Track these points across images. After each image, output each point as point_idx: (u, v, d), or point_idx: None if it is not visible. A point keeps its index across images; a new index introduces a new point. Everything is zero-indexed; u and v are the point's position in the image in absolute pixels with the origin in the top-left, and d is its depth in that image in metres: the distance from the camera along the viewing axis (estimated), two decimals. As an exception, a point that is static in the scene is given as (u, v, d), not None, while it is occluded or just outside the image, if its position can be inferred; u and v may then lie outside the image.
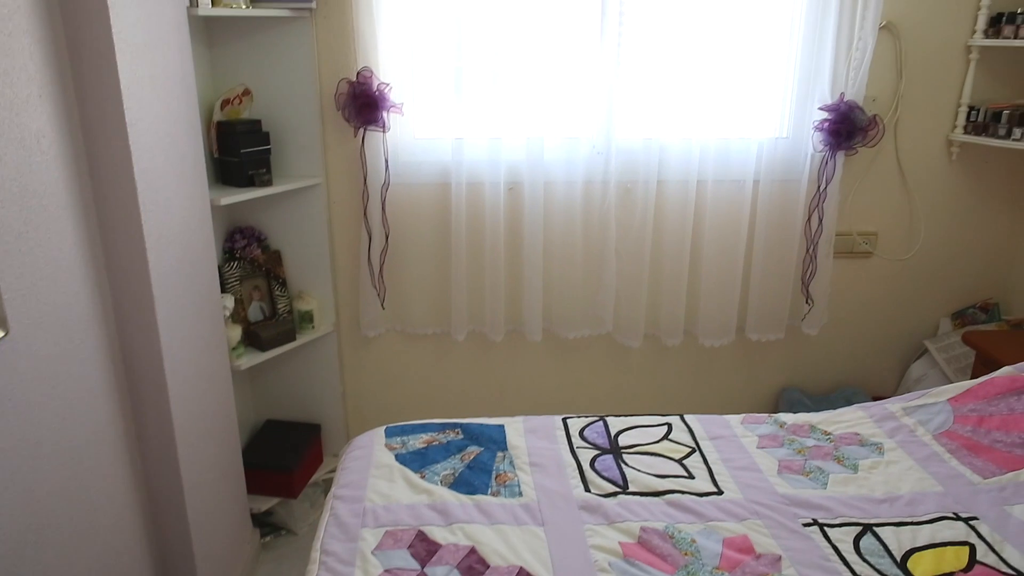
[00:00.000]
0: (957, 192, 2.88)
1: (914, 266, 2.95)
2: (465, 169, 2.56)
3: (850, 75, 2.56)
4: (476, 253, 2.67)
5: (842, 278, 2.91)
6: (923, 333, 3.06)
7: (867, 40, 2.52)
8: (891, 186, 2.85)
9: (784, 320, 2.85)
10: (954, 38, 2.70)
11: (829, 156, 2.63)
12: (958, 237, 2.94)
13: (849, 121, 2.56)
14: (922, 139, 2.81)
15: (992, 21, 2.64)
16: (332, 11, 2.48)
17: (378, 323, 2.77)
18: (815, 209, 2.69)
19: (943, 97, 2.76)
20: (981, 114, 2.71)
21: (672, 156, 2.62)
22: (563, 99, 2.57)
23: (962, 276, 3.00)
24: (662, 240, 2.72)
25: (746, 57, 2.59)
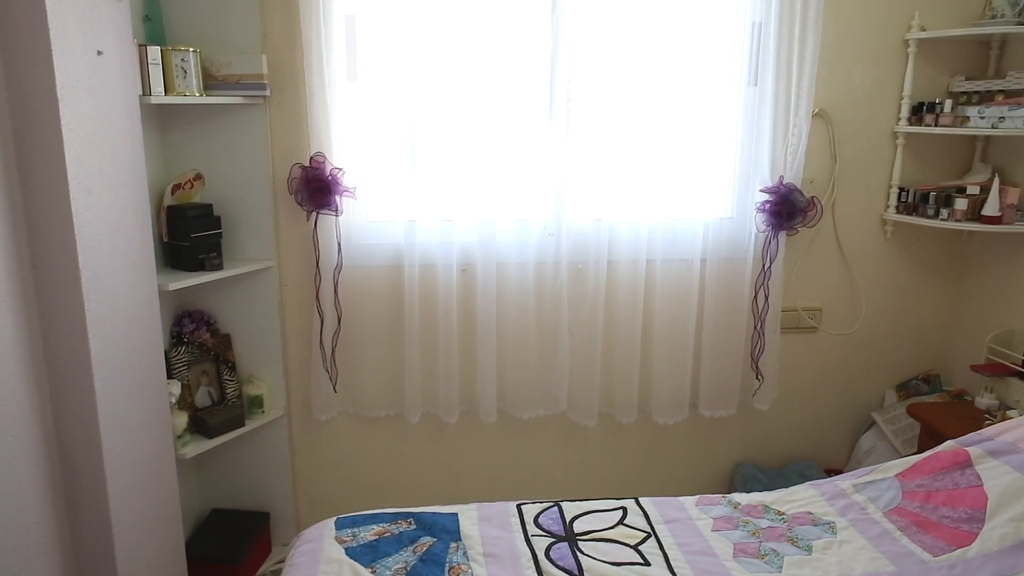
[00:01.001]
0: (894, 268, 3.00)
1: (858, 340, 3.04)
2: (418, 251, 2.58)
3: (788, 159, 2.68)
4: (429, 334, 2.67)
5: (790, 353, 2.97)
6: (870, 405, 3.13)
7: (802, 126, 2.65)
8: (832, 263, 2.95)
9: (736, 396, 2.89)
10: (881, 125, 2.86)
11: (772, 236, 2.72)
12: (898, 311, 3.05)
13: (789, 202, 2.67)
14: (858, 218, 2.93)
15: (914, 110, 2.81)
16: (286, 98, 2.53)
17: (330, 406, 2.73)
18: (761, 286, 2.77)
19: (875, 179, 2.91)
20: (911, 195, 2.85)
21: (621, 236, 2.69)
22: (514, 182, 2.63)
23: (904, 349, 3.10)
24: (614, 319, 2.75)
25: (690, 141, 2.70)
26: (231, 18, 2.41)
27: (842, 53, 2.77)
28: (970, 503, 1.93)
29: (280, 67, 2.50)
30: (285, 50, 2.49)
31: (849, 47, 2.78)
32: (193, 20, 2.39)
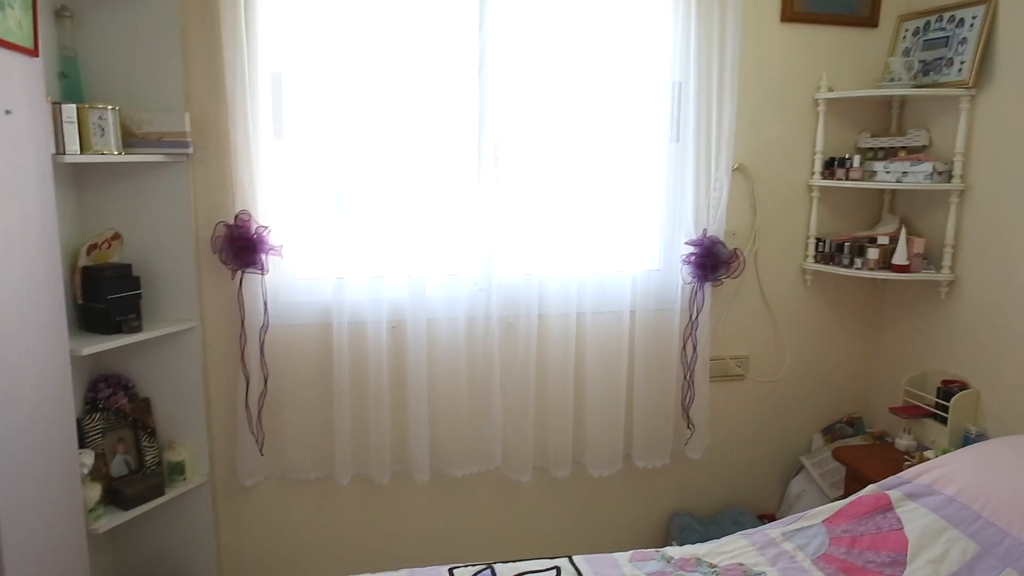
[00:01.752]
0: (815, 315, 3.11)
1: (784, 386, 3.12)
2: (347, 308, 2.55)
3: (711, 212, 2.77)
4: (360, 393, 2.62)
5: (720, 401, 3.03)
6: (798, 449, 3.20)
7: (722, 181, 2.75)
8: (757, 312, 3.04)
9: (669, 445, 2.92)
10: (797, 179, 2.99)
11: (698, 287, 2.79)
12: (820, 356, 3.15)
13: (713, 254, 2.75)
14: (779, 268, 3.04)
15: (827, 164, 2.95)
16: (210, 155, 2.49)
17: (256, 470, 2.63)
18: (689, 336, 2.82)
19: (794, 230, 3.02)
20: (827, 245, 2.97)
21: (552, 290, 2.71)
22: (444, 238, 2.64)
23: (828, 393, 3.19)
24: (546, 372, 2.76)
25: (618, 195, 2.77)
26: (153, 75, 2.37)
27: (758, 111, 2.90)
28: (892, 547, 1.98)
29: (204, 124, 2.46)
30: (209, 107, 2.46)
31: (764, 106, 2.91)
32: (113, 77, 2.34)
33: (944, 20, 2.78)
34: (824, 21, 2.92)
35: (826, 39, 2.93)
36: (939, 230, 2.79)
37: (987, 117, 2.64)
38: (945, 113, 2.79)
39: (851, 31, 2.96)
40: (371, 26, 2.47)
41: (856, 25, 2.96)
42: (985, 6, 2.62)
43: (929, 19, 2.85)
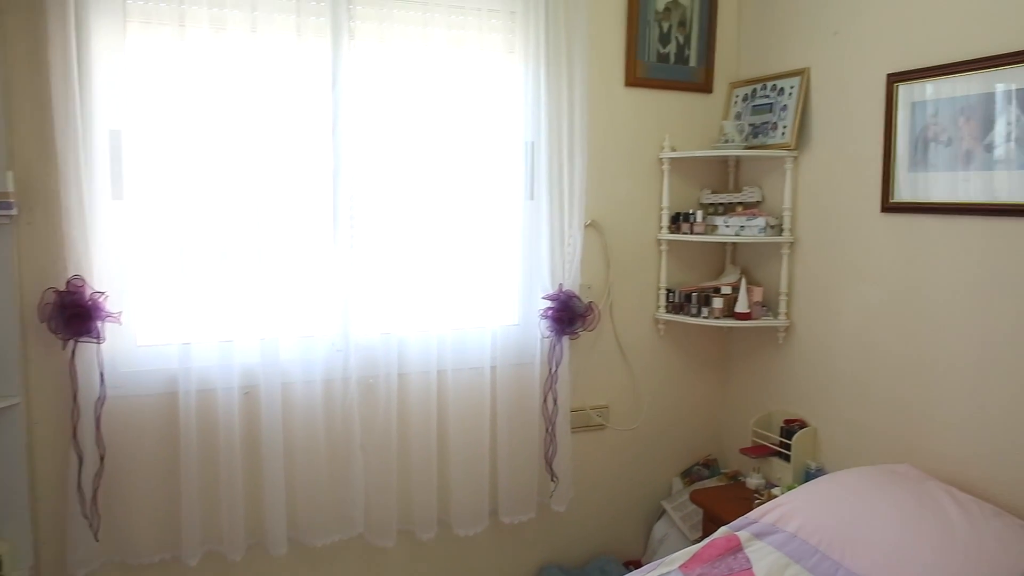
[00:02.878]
0: (669, 363, 3.24)
1: (643, 432, 3.22)
2: (194, 376, 2.42)
3: (566, 267, 2.85)
4: (209, 464, 2.47)
5: (582, 451, 3.08)
6: (660, 494, 3.29)
7: (576, 236, 2.84)
8: (614, 362, 3.14)
9: (534, 499, 2.93)
10: (647, 233, 3.14)
11: (556, 340, 2.85)
12: (676, 402, 3.28)
13: (569, 308, 2.82)
14: (634, 319, 3.16)
15: (673, 219, 3.12)
16: (37, 217, 2.32)
17: (91, 558, 2.40)
18: (549, 389, 2.87)
19: (646, 282, 3.16)
20: (677, 296, 3.13)
21: (411, 349, 2.69)
22: (298, 298, 2.57)
23: (684, 437, 3.32)
24: (408, 431, 2.71)
25: (476, 253, 2.80)
26: (-28, 132, 2.20)
27: (608, 170, 3.04)
28: (742, 587, 2.06)
29: (31, 184, 2.30)
30: (38, 166, 2.30)
31: (614, 164, 3.06)
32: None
33: (768, 88, 3.05)
34: (665, 86, 3.13)
35: (667, 103, 3.14)
36: (775, 279, 3.01)
37: (807, 176, 2.90)
38: (774, 172, 3.03)
39: (689, 96, 3.18)
40: (219, 81, 2.42)
41: (693, 91, 3.19)
42: (800, 77, 2.89)
43: (756, 87, 3.11)
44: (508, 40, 2.83)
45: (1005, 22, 2.18)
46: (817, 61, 2.85)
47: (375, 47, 2.61)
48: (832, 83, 2.79)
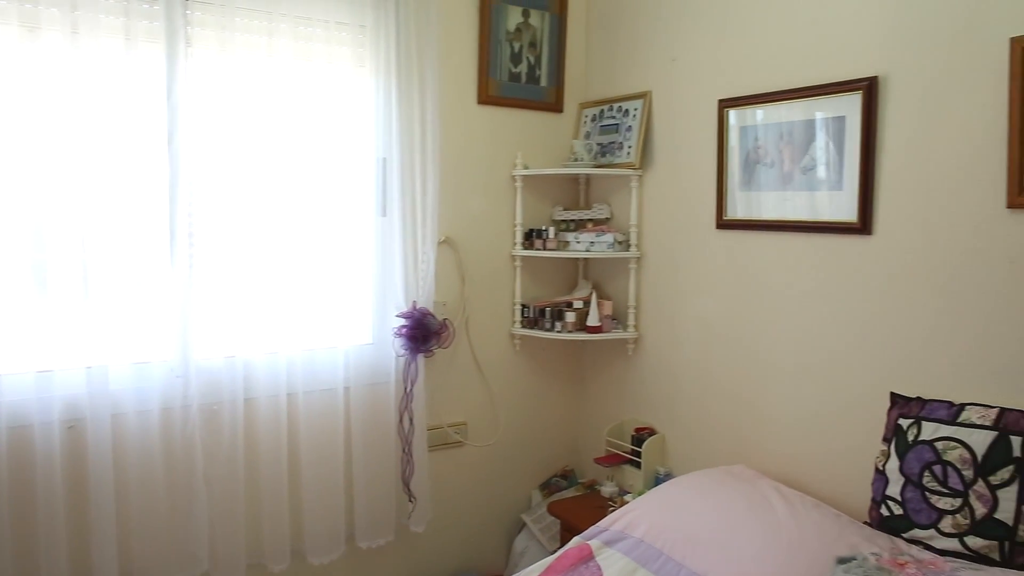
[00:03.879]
0: (525, 377, 3.29)
1: (501, 447, 3.24)
2: (5, 412, 2.19)
3: (420, 285, 2.83)
4: (25, 507, 2.23)
5: (440, 470, 3.06)
6: (520, 507, 3.32)
7: (429, 254, 2.83)
8: (471, 379, 3.14)
9: (392, 521, 2.87)
10: (501, 249, 3.18)
11: (411, 358, 2.82)
12: (533, 415, 3.33)
13: (423, 326, 2.80)
14: (490, 335, 3.18)
15: (527, 235, 3.18)
16: None
17: None
18: (405, 409, 2.83)
19: (501, 298, 3.20)
20: (531, 311, 3.18)
21: (259, 372, 2.57)
22: (130, 322, 2.40)
23: (542, 450, 3.37)
24: (256, 459, 2.59)
25: (327, 271, 2.72)
26: None
27: (462, 186, 3.06)
28: (594, 595, 2.11)
29: None
30: None
31: (467, 181, 3.07)
32: None
33: (614, 109, 3.17)
34: (517, 105, 3.19)
35: (520, 121, 3.20)
36: (624, 293, 3.13)
37: (651, 193, 3.04)
38: (621, 189, 3.15)
39: (541, 115, 3.26)
40: (33, 87, 2.22)
41: (545, 110, 3.27)
42: (643, 100, 3.03)
43: (603, 107, 3.23)
44: (358, 54, 2.79)
45: (819, 57, 2.38)
46: (657, 85, 3.00)
47: (215, 56, 2.49)
48: (671, 106, 2.94)
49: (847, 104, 2.28)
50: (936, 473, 1.95)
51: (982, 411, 1.94)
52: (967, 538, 1.88)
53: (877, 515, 2.10)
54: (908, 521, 2.00)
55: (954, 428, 1.95)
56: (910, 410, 2.09)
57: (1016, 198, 1.92)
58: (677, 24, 2.89)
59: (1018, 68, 1.87)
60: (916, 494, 1.99)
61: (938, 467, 1.95)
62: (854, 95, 2.26)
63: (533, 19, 3.19)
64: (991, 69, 1.94)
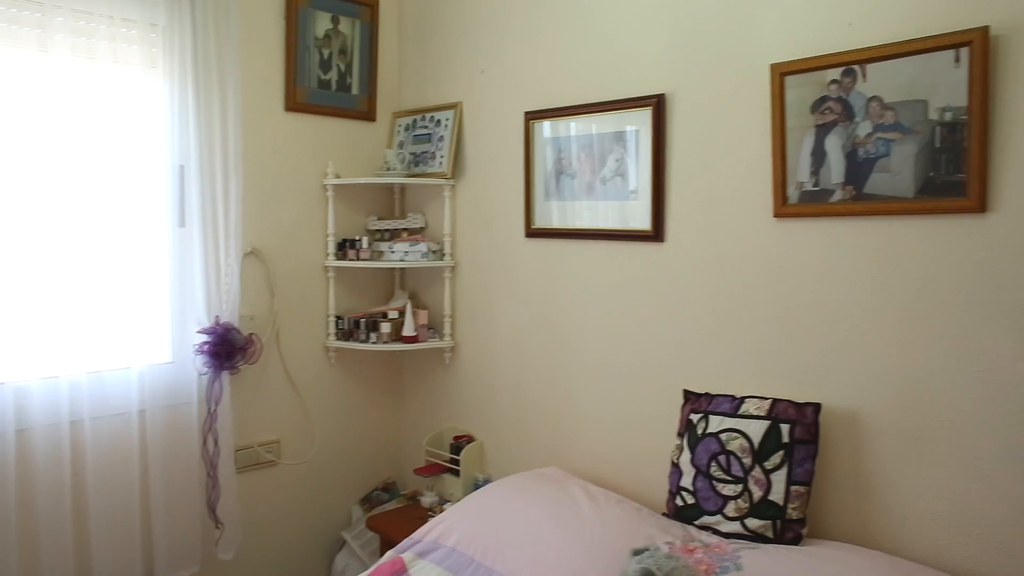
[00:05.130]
0: (342, 391, 3.21)
1: (318, 464, 3.13)
2: None
3: (223, 298, 2.68)
4: None
5: (252, 492, 2.91)
6: (340, 524, 3.23)
7: (233, 266, 2.69)
8: (284, 395, 3.02)
9: (197, 551, 2.69)
10: (313, 260, 3.09)
11: (215, 376, 2.66)
12: (351, 429, 3.25)
13: (227, 341, 2.65)
14: (304, 348, 3.07)
15: (340, 246, 3.10)
16: None
17: None
18: (209, 430, 2.67)
19: (314, 310, 3.10)
20: (346, 322, 3.11)
21: (34, 399, 2.32)
22: None
23: (362, 464, 3.30)
24: (32, 494, 2.33)
25: (116, 286, 2.51)
26: None
27: (270, 196, 2.94)
28: (406, 609, 2.08)
29: None
30: None
31: (275, 190, 2.96)
32: None
33: (427, 119, 3.18)
34: (328, 113, 3.11)
35: (330, 129, 3.12)
36: (440, 302, 3.13)
37: (464, 203, 3.07)
38: (435, 199, 3.16)
39: (353, 123, 3.21)
40: None
41: (357, 118, 3.22)
42: (454, 110, 3.07)
43: (416, 117, 3.23)
44: (149, 54, 2.60)
45: (615, 74, 2.52)
46: (468, 96, 3.04)
47: (-28, 50, 2.23)
48: (481, 117, 3.00)
49: (639, 119, 2.43)
50: (721, 463, 2.11)
51: (758, 403, 2.12)
52: (747, 520, 2.04)
53: (673, 506, 2.24)
54: (699, 509, 2.15)
55: (735, 420, 2.12)
56: (700, 405, 2.25)
57: (781, 208, 2.12)
58: (485, 37, 2.95)
59: (777, 91, 2.08)
60: (705, 483, 2.14)
61: (723, 457, 2.11)
62: (645, 111, 2.41)
63: (343, 26, 3.13)
64: (757, 91, 2.14)
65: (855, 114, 1.96)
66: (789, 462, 2.01)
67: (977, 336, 1.80)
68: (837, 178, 2.00)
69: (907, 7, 1.86)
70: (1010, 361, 1.75)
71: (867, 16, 1.94)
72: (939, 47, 1.78)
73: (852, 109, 1.96)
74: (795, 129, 2.06)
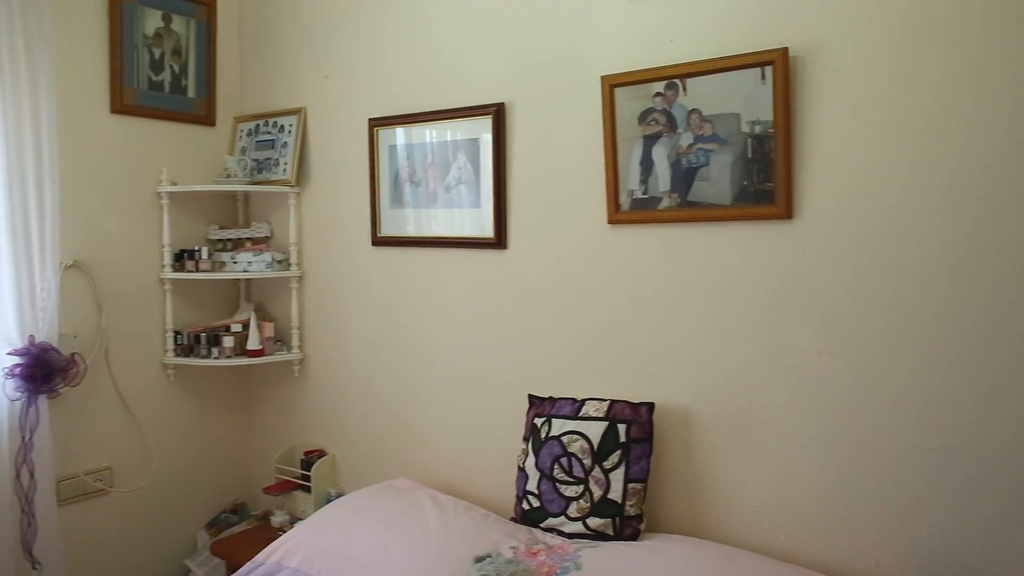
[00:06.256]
0: (183, 410, 3.03)
1: (157, 490, 2.94)
2: None
3: (39, 316, 2.47)
4: None
5: (78, 526, 2.68)
6: (184, 552, 3.05)
7: (51, 280, 2.48)
8: (115, 417, 2.81)
9: (12, 596, 2.45)
10: (148, 272, 2.90)
11: (30, 402, 2.44)
12: (195, 450, 3.08)
13: (44, 363, 2.44)
14: (138, 367, 2.88)
15: (177, 257, 2.93)
16: None
17: None
18: (24, 461, 2.44)
19: (150, 326, 2.91)
20: (186, 337, 2.94)
21: None
22: None
23: (208, 486, 3.13)
24: None
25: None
26: None
27: (94, 204, 2.74)
28: (243, 638, 1.99)
29: None
30: None
31: (102, 198, 2.76)
32: None
33: (270, 125, 3.07)
34: (161, 116, 2.94)
35: (165, 133, 2.95)
36: (287, 313, 3.03)
37: (310, 211, 2.99)
38: (280, 207, 3.06)
39: (190, 128, 3.04)
40: None
41: (195, 122, 3.06)
42: (298, 116, 2.97)
43: (259, 122, 3.11)
44: (-55, 50, 2.36)
45: (458, 82, 2.52)
46: (312, 101, 2.96)
47: None
48: (326, 123, 2.92)
49: (481, 127, 2.45)
50: (563, 465, 2.15)
51: (597, 404, 2.18)
52: (589, 519, 2.09)
53: (520, 510, 2.26)
54: (544, 512, 2.18)
55: (576, 422, 2.17)
56: (543, 409, 2.29)
57: (614, 215, 2.19)
58: (330, 42, 2.88)
59: (608, 102, 2.15)
60: (549, 486, 2.18)
61: (565, 459, 2.15)
62: (485, 119, 2.43)
63: (176, 25, 2.96)
64: (590, 102, 2.20)
65: (678, 125, 2.05)
66: (626, 461, 2.07)
67: (788, 333, 1.93)
68: (664, 186, 2.09)
69: (721, 26, 1.98)
70: (816, 356, 1.89)
71: (687, 33, 2.04)
72: (747, 65, 1.90)
73: (676, 121, 2.06)
74: (625, 139, 2.14)
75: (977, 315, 1.68)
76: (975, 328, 1.68)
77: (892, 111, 1.75)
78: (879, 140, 1.77)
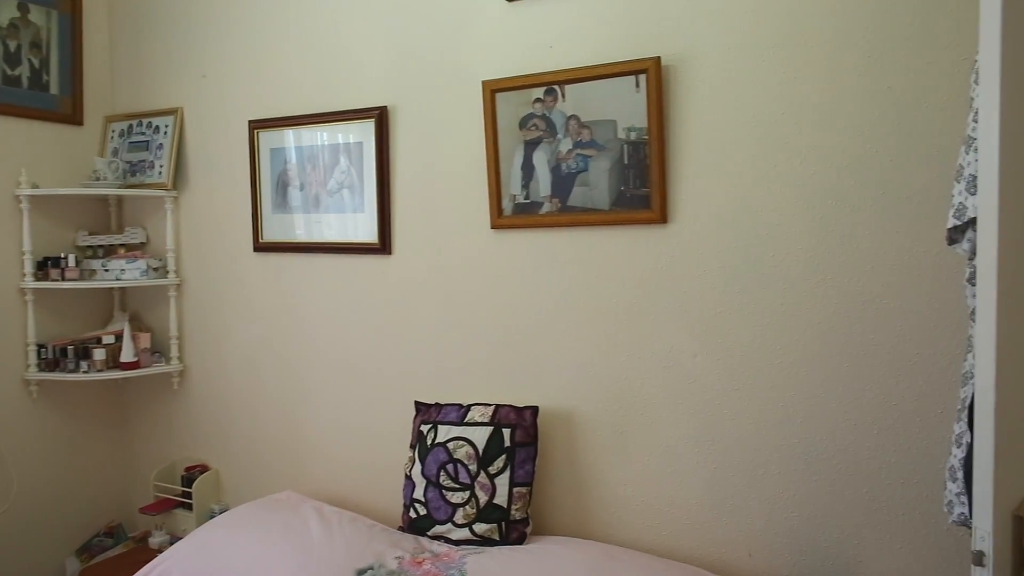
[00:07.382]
0: (49, 428, 2.83)
1: (18, 515, 2.74)
2: None
3: None
4: None
5: (-73, 557, 2.48)
6: (52, 581, 2.85)
7: None
8: (-30, 439, 2.61)
9: None
10: (6, 282, 2.70)
11: None
12: (63, 471, 2.88)
13: None
14: (-4, 383, 2.68)
15: (40, 265, 2.74)
16: None
17: None
18: None
19: (9, 339, 2.71)
20: (51, 351, 2.75)
21: None
22: None
23: (78, 508, 2.94)
24: None
25: None
26: None
27: (-58, 208, 2.53)
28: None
29: None
30: None
31: (-50, 202, 2.55)
32: None
33: (144, 125, 2.92)
34: (19, 114, 2.74)
35: (23, 132, 2.76)
36: (165, 323, 2.88)
37: (189, 216, 2.86)
38: (156, 212, 2.91)
39: (55, 127, 2.86)
40: None
41: (59, 121, 2.87)
42: (175, 116, 2.84)
43: (132, 123, 2.95)
44: None
45: (340, 85, 2.47)
46: (189, 101, 2.84)
47: None
48: (204, 125, 2.80)
49: (364, 131, 2.40)
50: (450, 471, 2.13)
51: (483, 409, 2.18)
52: (475, 525, 2.09)
53: (407, 519, 2.23)
54: (431, 519, 2.16)
55: (462, 428, 2.16)
56: (429, 415, 2.26)
57: (497, 220, 2.20)
58: (207, 39, 2.76)
59: (489, 107, 2.15)
60: (435, 493, 2.16)
61: (451, 465, 2.13)
62: (368, 122, 2.39)
63: (35, 16, 2.77)
64: (473, 107, 2.20)
65: (558, 131, 2.08)
66: (511, 465, 2.08)
67: (664, 335, 1.98)
68: (545, 191, 2.11)
69: (598, 34, 2.01)
70: (690, 356, 1.95)
71: (566, 40, 2.06)
72: (622, 73, 1.95)
73: (555, 126, 2.08)
74: (507, 144, 2.15)
75: (835, 316, 1.77)
76: (832, 329, 1.77)
77: (760, 118, 1.82)
78: (749, 146, 1.84)
